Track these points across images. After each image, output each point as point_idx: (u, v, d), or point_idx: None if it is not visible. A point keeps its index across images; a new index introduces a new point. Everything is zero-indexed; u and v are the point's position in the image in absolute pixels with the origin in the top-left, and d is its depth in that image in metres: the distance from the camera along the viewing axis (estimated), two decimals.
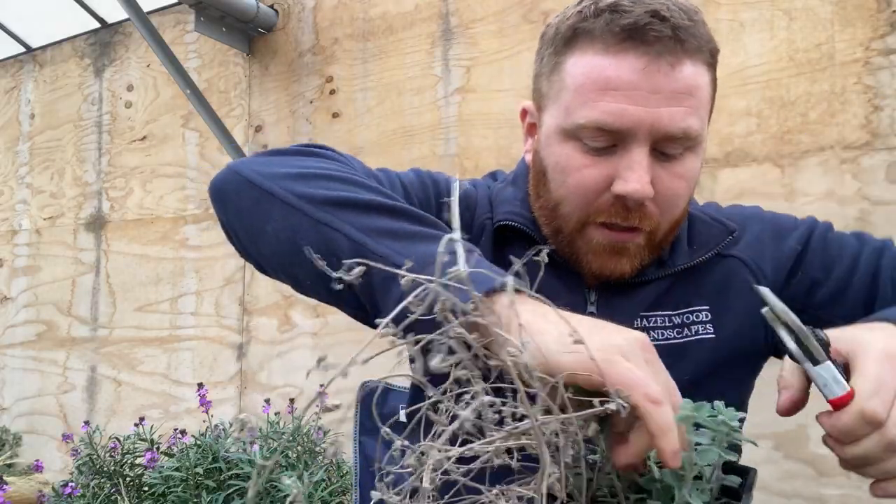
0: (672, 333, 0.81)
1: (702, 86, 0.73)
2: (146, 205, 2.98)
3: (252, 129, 2.70)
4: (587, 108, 0.72)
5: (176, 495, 1.75)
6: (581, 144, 0.74)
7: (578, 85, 0.73)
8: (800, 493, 1.66)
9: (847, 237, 0.85)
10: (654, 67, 0.70)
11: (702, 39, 0.72)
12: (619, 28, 0.70)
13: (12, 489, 2.32)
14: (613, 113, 0.70)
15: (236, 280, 2.70)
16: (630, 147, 0.72)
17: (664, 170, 0.73)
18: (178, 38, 2.89)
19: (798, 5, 1.74)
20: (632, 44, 0.70)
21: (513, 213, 0.84)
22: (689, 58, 0.71)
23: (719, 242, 0.83)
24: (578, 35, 0.74)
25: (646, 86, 0.70)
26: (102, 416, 3.01)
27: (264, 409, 2.14)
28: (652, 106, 0.70)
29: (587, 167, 0.74)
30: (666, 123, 0.70)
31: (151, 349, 2.90)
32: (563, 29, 0.76)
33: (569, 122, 0.74)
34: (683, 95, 0.71)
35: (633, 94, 0.70)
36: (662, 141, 0.72)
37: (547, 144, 0.78)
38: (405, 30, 2.37)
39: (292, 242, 0.66)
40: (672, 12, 0.70)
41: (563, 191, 0.76)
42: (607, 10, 0.71)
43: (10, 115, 3.51)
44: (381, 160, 2.37)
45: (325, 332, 2.45)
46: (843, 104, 1.68)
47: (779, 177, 1.75)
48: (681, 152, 0.74)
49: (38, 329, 3.29)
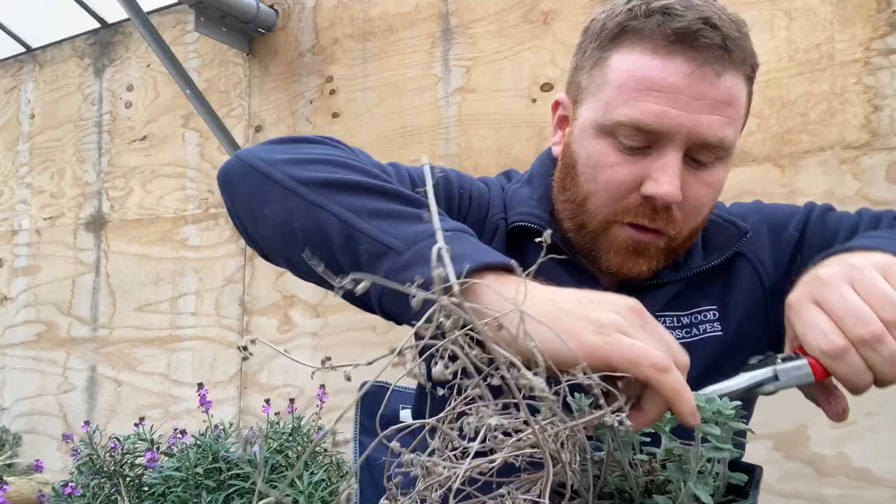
0: (681, 333, 0.81)
1: (741, 98, 0.74)
2: (146, 205, 2.98)
3: (252, 129, 2.70)
4: (628, 106, 0.72)
5: (176, 495, 1.75)
6: (616, 142, 0.74)
7: (622, 82, 0.73)
8: (800, 493, 1.66)
9: (846, 214, 0.85)
10: (700, 74, 0.70)
11: (747, 52, 0.74)
12: (671, 31, 0.70)
13: (12, 489, 2.32)
14: (655, 114, 0.70)
15: (236, 280, 2.70)
16: (665, 150, 0.72)
17: (694, 177, 0.74)
18: (178, 38, 2.89)
19: (798, 5, 1.74)
20: (681, 48, 0.70)
21: (527, 213, 0.83)
22: (733, 69, 0.72)
23: (733, 245, 0.83)
24: (627, 32, 0.73)
25: (689, 91, 0.70)
26: (102, 416, 3.01)
27: (264, 409, 2.14)
28: (693, 112, 0.70)
29: (619, 165, 0.74)
30: (704, 130, 0.71)
31: (151, 349, 2.90)
32: (611, 25, 0.75)
33: (607, 117, 0.74)
34: (724, 105, 0.71)
35: (677, 98, 0.70)
36: (697, 148, 0.72)
37: (580, 138, 0.78)
38: (405, 30, 2.37)
39: (288, 225, 0.66)
40: (723, 21, 0.71)
41: (593, 186, 0.76)
42: (659, 12, 0.71)
43: (10, 115, 3.51)
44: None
45: (325, 332, 2.45)
46: (843, 104, 1.68)
47: (779, 177, 1.75)
48: (712, 161, 0.74)
49: (38, 329, 3.29)
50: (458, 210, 0.85)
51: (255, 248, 0.76)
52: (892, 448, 1.57)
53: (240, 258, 2.69)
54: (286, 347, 2.55)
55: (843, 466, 1.63)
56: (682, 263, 0.82)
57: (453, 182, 0.87)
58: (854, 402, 0.59)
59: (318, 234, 0.62)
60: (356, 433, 1.09)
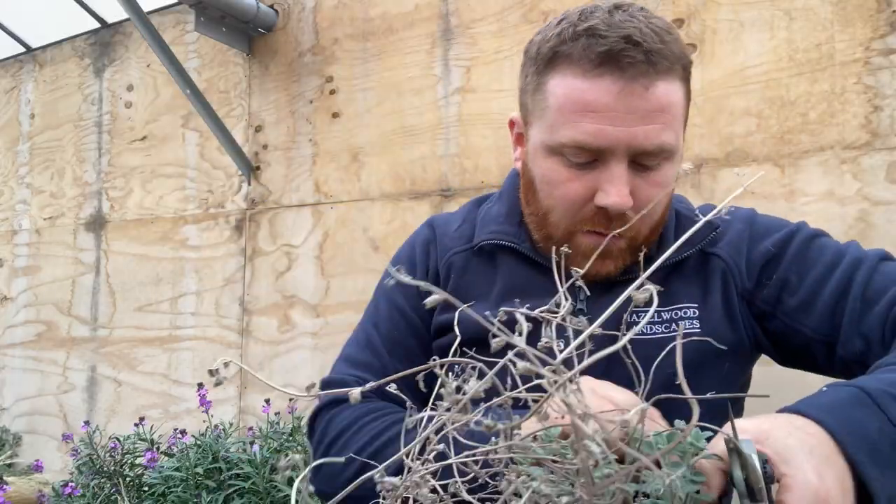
0: (660, 328, 0.85)
1: (675, 101, 0.78)
2: (146, 205, 2.99)
3: (252, 129, 2.70)
4: (568, 128, 0.77)
5: (176, 495, 1.75)
6: (564, 159, 0.80)
7: (560, 105, 0.78)
8: None
9: (832, 246, 0.85)
10: (629, 90, 0.75)
11: (673, 58, 0.77)
12: (595, 54, 0.75)
13: (12, 489, 2.31)
14: (592, 133, 0.76)
15: (236, 280, 2.70)
16: (609, 162, 0.77)
17: (643, 179, 0.79)
18: (178, 38, 2.89)
19: (798, 5, 1.74)
20: (607, 69, 0.75)
21: (495, 231, 0.91)
22: (661, 78, 0.76)
23: (703, 238, 0.86)
24: (558, 57, 0.79)
25: (622, 107, 0.75)
26: (102, 416, 3.01)
27: (264, 409, 2.14)
28: (628, 125, 0.75)
29: (571, 181, 0.80)
30: (641, 141, 0.76)
31: (151, 349, 2.90)
32: (545, 50, 0.80)
33: (552, 139, 0.80)
34: (657, 113, 0.76)
35: (611, 115, 0.75)
36: (640, 156, 0.77)
37: (534, 158, 0.84)
38: (405, 30, 2.37)
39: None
40: (645, 36, 0.75)
41: (551, 202, 0.83)
42: (584, 35, 0.76)
43: (10, 115, 3.51)
44: (381, 160, 2.37)
45: (325, 332, 2.45)
46: (843, 104, 1.68)
47: (779, 177, 1.75)
48: (658, 163, 0.79)
49: (38, 329, 3.29)
50: (438, 280, 0.94)
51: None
52: None
53: (240, 258, 2.69)
54: (286, 347, 2.55)
55: None
56: (653, 258, 0.84)
57: (416, 248, 0.99)
58: None
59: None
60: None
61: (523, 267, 0.90)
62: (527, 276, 0.89)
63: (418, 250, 0.98)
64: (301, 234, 2.54)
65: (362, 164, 2.42)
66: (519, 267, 0.90)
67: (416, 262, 0.96)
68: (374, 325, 0.97)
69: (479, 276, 0.91)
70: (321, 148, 2.52)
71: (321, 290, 2.47)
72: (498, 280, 0.90)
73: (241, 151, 2.66)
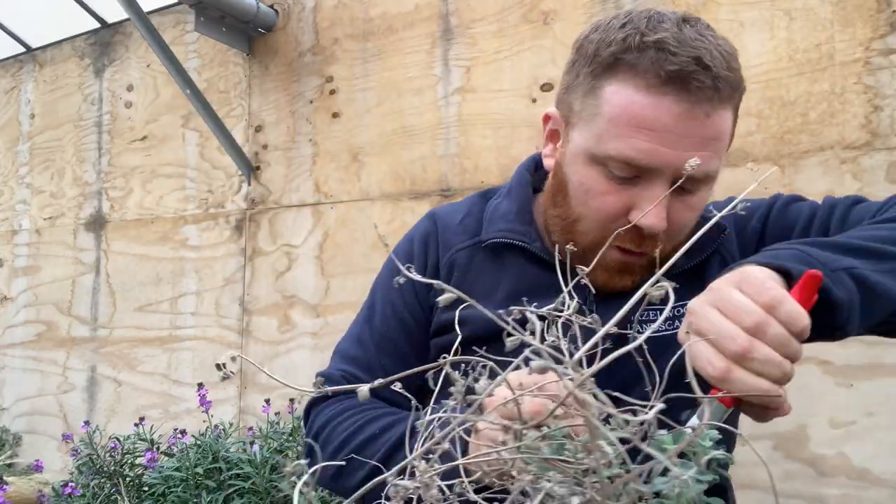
0: (664, 325, 0.84)
1: (728, 129, 0.77)
2: (146, 205, 2.98)
3: (252, 129, 2.70)
4: (620, 142, 0.75)
5: (176, 495, 1.75)
6: (606, 171, 0.77)
7: (615, 116, 0.75)
8: (800, 493, 1.66)
9: (807, 204, 0.88)
10: (691, 115, 0.73)
11: (736, 85, 0.76)
12: (665, 73, 0.72)
13: (12, 489, 2.31)
14: (645, 151, 0.74)
15: (236, 280, 2.70)
16: (653, 182, 0.75)
17: (680, 202, 0.77)
18: (178, 38, 2.89)
19: (798, 5, 1.74)
20: (673, 88, 0.72)
21: (503, 230, 0.89)
22: (722, 106, 0.75)
23: (713, 243, 0.86)
24: (620, 65, 0.75)
25: (679, 130, 0.73)
26: (102, 416, 3.01)
27: (264, 409, 2.14)
28: (682, 149, 0.73)
29: (609, 193, 0.78)
30: (689, 165, 0.74)
31: (151, 349, 2.90)
32: (605, 54, 0.76)
33: (599, 149, 0.77)
34: (711, 141, 0.74)
35: (666, 136, 0.73)
36: (681, 178, 0.74)
37: (573, 162, 0.81)
38: (405, 30, 2.37)
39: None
40: (714, 60, 0.72)
41: (584, 210, 0.80)
42: (653, 47, 0.73)
43: (10, 115, 3.51)
44: (381, 160, 2.37)
45: (325, 332, 2.45)
46: (843, 104, 1.68)
47: (779, 177, 1.75)
48: (696, 187, 0.78)
49: (38, 329, 3.29)
50: (439, 276, 0.93)
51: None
52: (892, 448, 1.57)
53: (240, 258, 2.69)
54: (286, 347, 2.55)
55: (842, 466, 1.63)
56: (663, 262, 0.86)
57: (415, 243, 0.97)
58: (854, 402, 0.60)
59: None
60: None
61: (532, 267, 0.88)
62: (536, 275, 0.87)
63: (417, 244, 0.96)
64: (301, 234, 2.54)
65: (362, 164, 2.42)
66: (528, 266, 0.88)
67: (415, 256, 0.95)
68: (367, 321, 0.97)
69: (484, 275, 0.90)
70: (321, 148, 2.52)
71: (321, 290, 2.47)
72: (505, 279, 0.89)
73: (241, 151, 2.66)
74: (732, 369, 0.57)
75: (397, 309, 0.95)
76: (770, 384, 0.57)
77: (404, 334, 0.94)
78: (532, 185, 0.94)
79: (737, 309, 0.59)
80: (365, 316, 0.98)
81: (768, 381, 0.57)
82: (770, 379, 0.58)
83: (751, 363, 0.57)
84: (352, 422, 0.86)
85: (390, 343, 0.93)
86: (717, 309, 0.60)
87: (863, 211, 0.83)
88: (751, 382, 0.57)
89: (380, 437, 0.81)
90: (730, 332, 0.58)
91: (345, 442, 0.84)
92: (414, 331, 0.93)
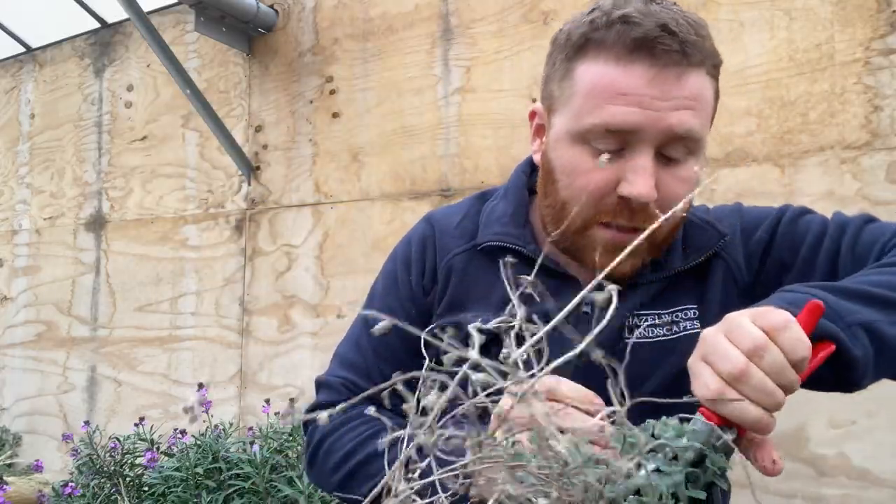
0: (662, 331, 0.83)
1: (705, 94, 0.77)
2: (146, 205, 2.99)
3: (252, 129, 2.70)
4: (596, 112, 0.75)
5: (176, 495, 1.75)
6: (589, 148, 0.77)
7: (588, 90, 0.76)
8: (800, 493, 1.66)
9: (817, 219, 0.87)
10: (662, 78, 0.73)
11: (706, 53, 0.76)
12: (630, 40, 0.73)
13: (12, 489, 2.31)
14: (620, 114, 0.74)
15: (236, 280, 2.70)
16: (636, 150, 0.75)
17: (668, 174, 0.76)
18: (178, 38, 2.89)
19: (798, 5, 1.74)
20: (641, 55, 0.73)
21: (499, 233, 0.88)
22: (694, 69, 0.75)
23: (712, 247, 0.85)
24: (590, 43, 0.77)
25: (653, 93, 0.73)
26: (102, 416, 3.01)
27: (264, 409, 2.14)
28: (658, 110, 0.73)
29: (594, 170, 0.77)
30: (671, 124, 0.74)
31: (151, 349, 2.90)
32: (576, 37, 0.78)
33: (578, 125, 0.77)
34: (688, 100, 0.74)
35: (641, 99, 0.73)
36: (667, 143, 0.75)
37: (556, 147, 0.81)
38: (405, 30, 2.37)
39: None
40: (680, 27, 0.73)
41: (570, 192, 0.79)
42: (619, 22, 0.75)
43: (10, 115, 3.51)
44: (381, 160, 2.37)
45: (325, 332, 2.45)
46: (843, 104, 1.68)
47: (779, 177, 1.75)
48: (684, 156, 0.77)
49: (38, 329, 3.29)
50: (437, 280, 0.92)
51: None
52: (892, 448, 1.57)
53: (240, 258, 2.69)
54: (286, 347, 2.55)
55: (842, 466, 1.63)
56: (661, 263, 0.85)
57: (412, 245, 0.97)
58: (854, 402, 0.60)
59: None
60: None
61: (528, 270, 0.88)
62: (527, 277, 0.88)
63: (415, 248, 0.95)
64: (301, 234, 2.54)
65: (362, 164, 2.42)
66: (523, 271, 0.88)
67: (413, 261, 0.94)
68: (365, 323, 0.97)
69: (480, 279, 0.90)
70: (321, 148, 2.52)
71: (321, 290, 2.47)
72: (500, 283, 0.89)
73: (241, 151, 2.66)
74: (726, 391, 0.57)
75: (395, 314, 0.94)
76: (760, 413, 0.57)
77: (402, 340, 0.93)
78: (528, 186, 0.94)
79: (740, 332, 0.59)
80: (363, 319, 0.98)
81: (759, 410, 0.57)
82: (761, 406, 0.57)
83: (744, 387, 0.57)
84: (355, 433, 0.86)
85: (388, 349, 0.93)
86: (724, 333, 0.60)
87: (876, 232, 0.82)
88: (740, 409, 0.57)
89: (384, 454, 0.82)
90: (727, 353, 0.58)
91: (349, 454, 0.84)
92: (412, 336, 0.93)
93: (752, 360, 0.57)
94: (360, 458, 0.83)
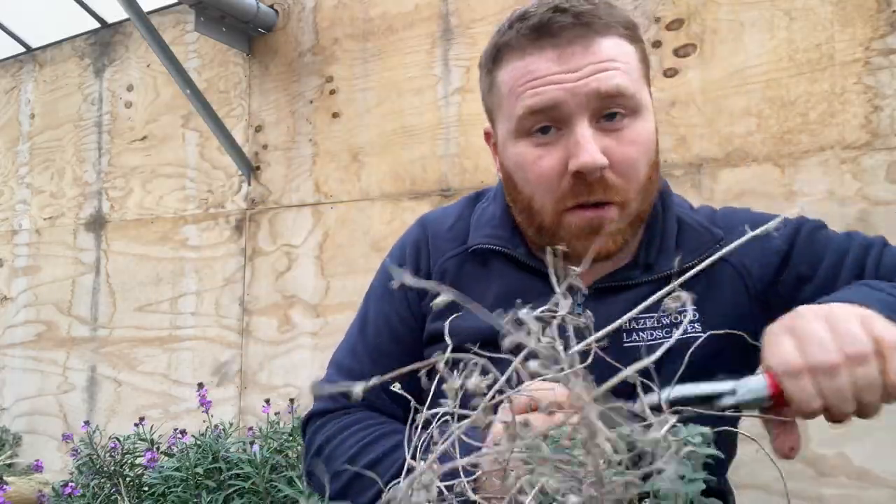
0: (661, 333, 0.83)
1: (624, 53, 0.78)
2: (146, 205, 2.99)
3: (252, 129, 2.70)
4: (519, 103, 0.78)
5: (176, 495, 1.75)
6: (530, 139, 0.79)
7: (510, 89, 0.80)
8: (800, 493, 1.66)
9: (836, 235, 0.87)
10: (568, 53, 0.76)
11: (609, 18, 0.77)
12: (528, 30, 0.77)
13: (12, 489, 2.31)
14: (541, 92, 0.76)
15: (236, 280, 2.70)
16: (572, 125, 0.76)
17: (612, 139, 0.77)
18: (178, 38, 2.89)
19: (798, 5, 1.74)
20: (543, 41, 0.76)
21: (488, 235, 0.89)
22: (600, 37, 0.76)
23: (705, 250, 0.85)
24: (501, 50, 0.81)
25: (563, 68, 0.76)
26: (102, 416, 3.01)
27: (264, 409, 2.14)
28: (574, 81, 0.75)
29: (541, 158, 0.79)
30: (593, 87, 0.75)
31: (151, 349, 2.90)
32: (490, 50, 0.84)
33: (511, 122, 0.80)
34: (605, 62, 0.76)
35: (553, 77, 0.76)
36: (600, 109, 0.76)
37: (504, 151, 0.84)
38: (405, 30, 2.37)
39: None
40: (572, 3, 0.76)
41: (529, 186, 0.81)
42: (517, 21, 0.79)
43: (10, 115, 3.51)
44: (381, 160, 2.37)
45: (325, 332, 2.45)
46: (843, 104, 1.68)
47: (779, 177, 1.75)
48: (623, 117, 0.77)
49: (38, 329, 3.29)
50: (420, 297, 0.93)
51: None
52: (892, 448, 1.57)
53: (240, 258, 2.69)
54: (286, 347, 2.55)
55: (843, 466, 1.63)
56: (653, 265, 0.85)
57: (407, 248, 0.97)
58: None
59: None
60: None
61: (517, 273, 0.88)
62: (521, 281, 0.87)
63: (409, 252, 0.96)
64: (301, 234, 2.54)
65: (362, 164, 2.42)
66: (513, 273, 0.88)
67: (406, 264, 0.94)
68: (361, 331, 0.97)
69: (473, 282, 0.90)
70: (321, 148, 2.52)
71: (321, 290, 2.47)
72: (492, 286, 0.89)
73: (241, 151, 2.66)
74: (805, 373, 0.56)
75: (390, 320, 0.94)
76: (820, 408, 0.56)
77: (397, 345, 0.93)
78: None
79: (847, 333, 0.57)
80: (359, 326, 0.98)
81: (820, 405, 0.56)
82: (828, 407, 0.56)
83: (824, 381, 0.56)
84: (357, 439, 0.85)
85: (383, 355, 0.93)
86: (827, 323, 0.59)
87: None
88: (812, 396, 0.56)
89: (389, 455, 0.81)
90: (826, 344, 0.57)
91: (351, 460, 0.84)
92: (407, 341, 0.93)
93: (848, 363, 0.56)
94: (364, 464, 0.82)
